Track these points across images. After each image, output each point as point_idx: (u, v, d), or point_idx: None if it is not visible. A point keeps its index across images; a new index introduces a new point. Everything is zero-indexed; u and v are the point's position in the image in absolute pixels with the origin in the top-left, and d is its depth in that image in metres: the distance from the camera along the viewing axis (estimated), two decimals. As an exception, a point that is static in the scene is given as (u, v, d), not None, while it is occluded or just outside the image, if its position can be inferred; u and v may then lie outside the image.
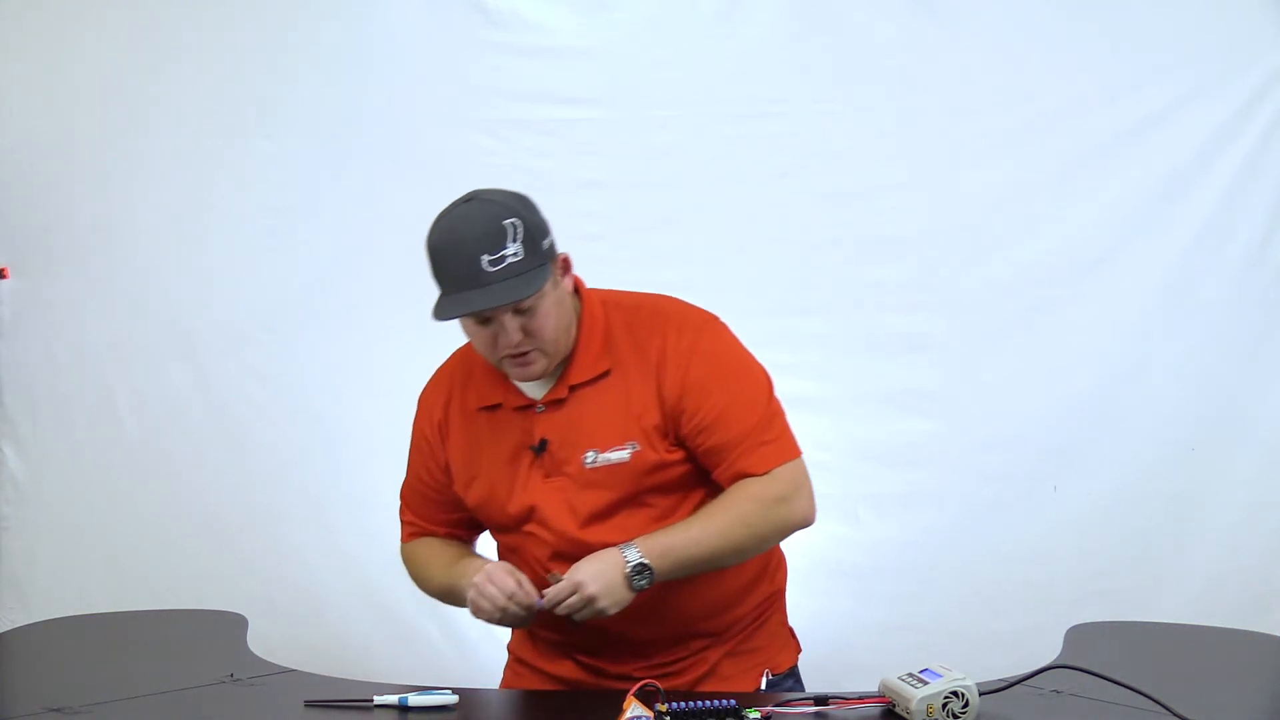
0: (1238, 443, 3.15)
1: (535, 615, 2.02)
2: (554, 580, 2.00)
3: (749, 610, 2.18)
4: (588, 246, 3.24)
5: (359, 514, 3.36)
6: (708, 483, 2.12)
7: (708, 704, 1.85)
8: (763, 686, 2.16)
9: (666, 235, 3.20)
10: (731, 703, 1.86)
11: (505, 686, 2.29)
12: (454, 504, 2.22)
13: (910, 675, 1.87)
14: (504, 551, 2.22)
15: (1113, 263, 3.15)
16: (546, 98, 3.28)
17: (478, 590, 2.02)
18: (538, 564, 2.10)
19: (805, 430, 2.16)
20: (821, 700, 1.93)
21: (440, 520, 2.26)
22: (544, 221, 2.04)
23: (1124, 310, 3.16)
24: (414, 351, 3.33)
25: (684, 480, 2.10)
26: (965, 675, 1.84)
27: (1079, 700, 1.91)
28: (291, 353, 3.38)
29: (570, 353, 2.09)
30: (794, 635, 2.29)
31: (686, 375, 2.07)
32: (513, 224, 1.98)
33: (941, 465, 3.15)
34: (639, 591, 1.99)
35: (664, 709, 1.81)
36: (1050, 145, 3.16)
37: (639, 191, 3.24)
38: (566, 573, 1.99)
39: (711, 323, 2.14)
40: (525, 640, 2.26)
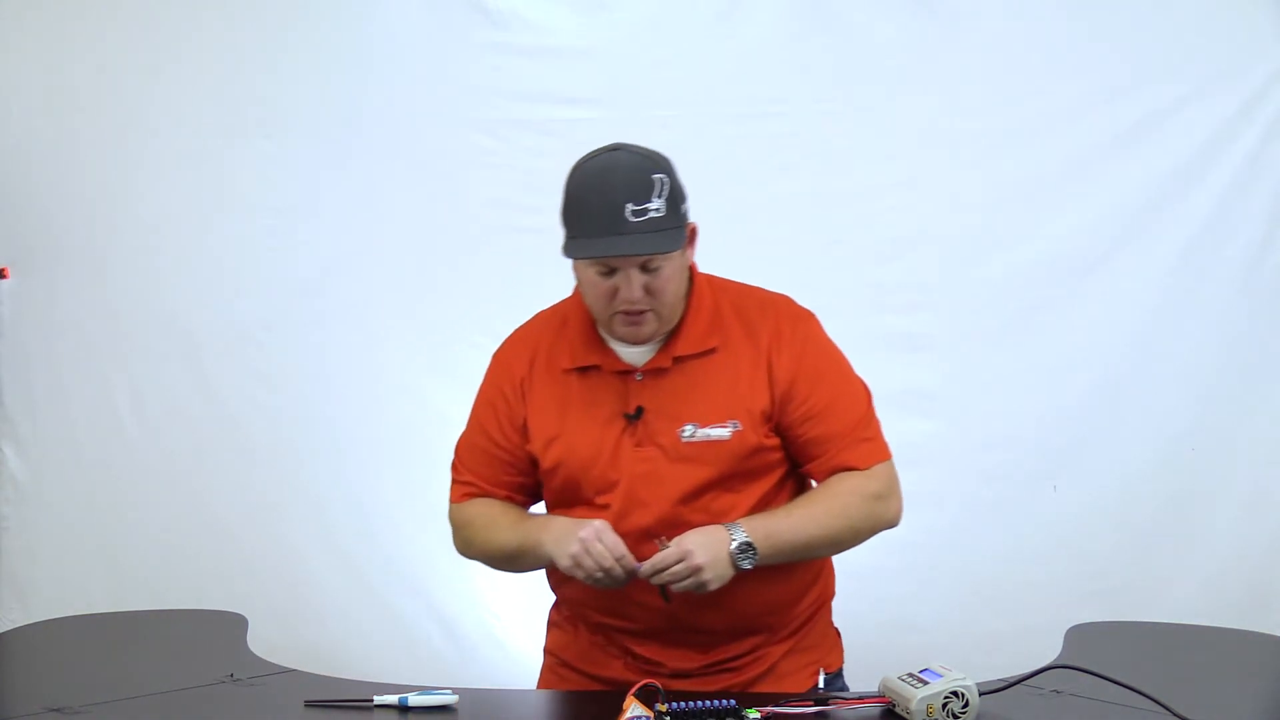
0: (1238, 443, 3.15)
1: (628, 581, 1.99)
2: (662, 546, 1.97)
3: (805, 608, 2.18)
4: (588, 246, 3.28)
5: (359, 514, 3.37)
6: (793, 480, 2.13)
7: (708, 704, 1.85)
8: (820, 685, 2.16)
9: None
10: (731, 703, 1.86)
11: (544, 687, 2.24)
12: (519, 466, 2.17)
13: (910, 675, 1.88)
14: None
15: (1113, 263, 3.16)
16: (546, 98, 3.28)
17: (585, 546, 1.97)
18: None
19: (805, 430, 2.15)
20: (821, 700, 1.94)
21: (501, 482, 2.19)
22: (684, 186, 2.04)
23: (1124, 310, 3.16)
24: (414, 351, 3.38)
25: (773, 471, 2.10)
26: (965, 675, 1.85)
27: (1079, 700, 1.91)
28: (292, 353, 3.38)
29: (676, 325, 2.09)
30: (840, 635, 2.29)
31: (801, 363, 2.08)
32: (660, 179, 1.98)
33: (941, 465, 3.15)
34: (740, 571, 1.98)
35: (664, 709, 1.81)
36: (1050, 145, 3.16)
37: (639, 191, 3.24)
38: (674, 543, 1.97)
39: (816, 318, 2.17)
40: (570, 641, 2.22)
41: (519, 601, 3.31)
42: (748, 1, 3.22)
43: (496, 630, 3.30)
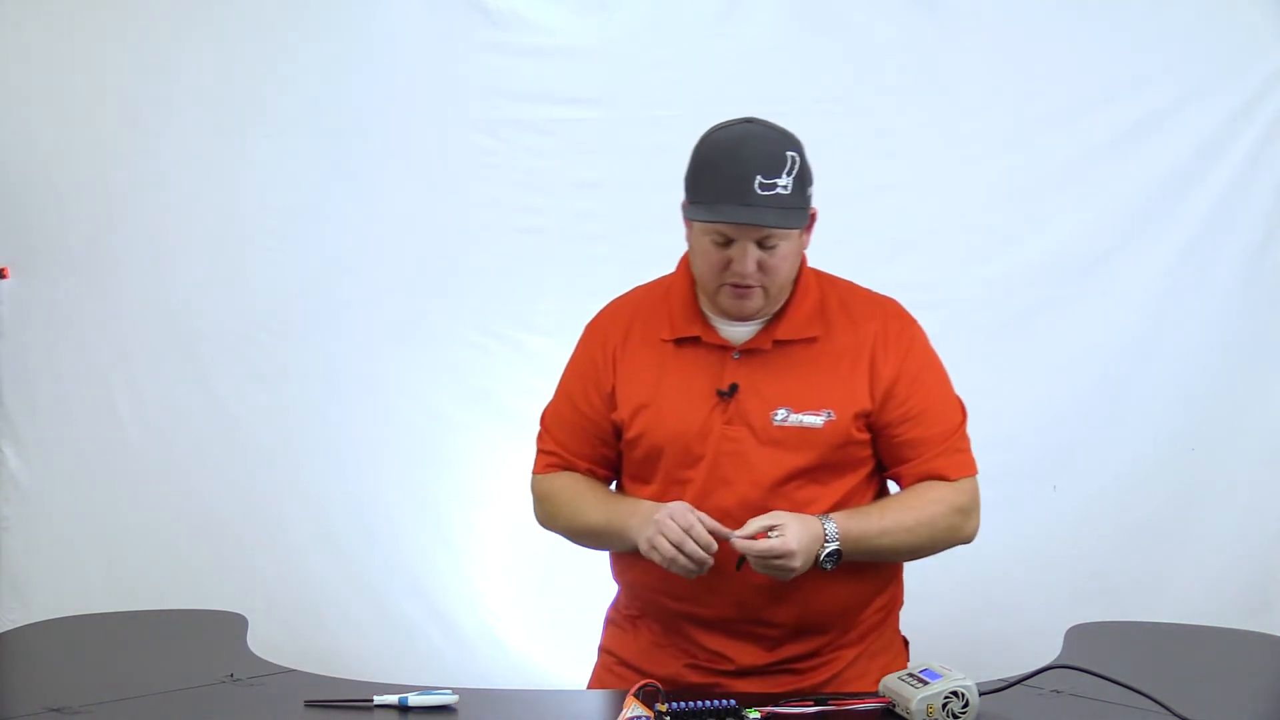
0: (1238, 442, 3.15)
1: (707, 568, 1.97)
2: (771, 536, 1.94)
3: (874, 612, 2.17)
4: (588, 246, 3.29)
5: (359, 514, 3.37)
6: (877, 479, 2.13)
7: (708, 704, 1.85)
8: None
9: (666, 235, 3.17)
10: (732, 703, 1.86)
11: (596, 686, 2.21)
12: (603, 436, 2.16)
13: (910, 675, 1.88)
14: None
15: (1113, 262, 3.15)
16: (546, 98, 3.28)
17: (659, 528, 1.95)
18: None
19: (806, 430, 2.15)
20: (821, 700, 1.94)
21: (584, 453, 2.18)
22: (812, 170, 2.03)
23: (1124, 310, 3.16)
24: (414, 351, 3.37)
25: (861, 468, 2.09)
26: (965, 675, 1.85)
27: (1079, 700, 1.91)
28: (291, 353, 3.38)
29: (781, 308, 2.09)
30: (907, 643, 2.29)
31: (905, 363, 2.08)
32: (792, 157, 1.98)
33: (941, 465, 3.15)
34: (819, 569, 1.97)
35: (664, 709, 1.81)
36: (1050, 145, 3.16)
37: (639, 191, 3.23)
38: (768, 517, 1.96)
39: (920, 326, 2.16)
40: (630, 640, 2.19)
41: (519, 601, 3.32)
42: (748, 1, 3.22)
43: (496, 630, 3.30)
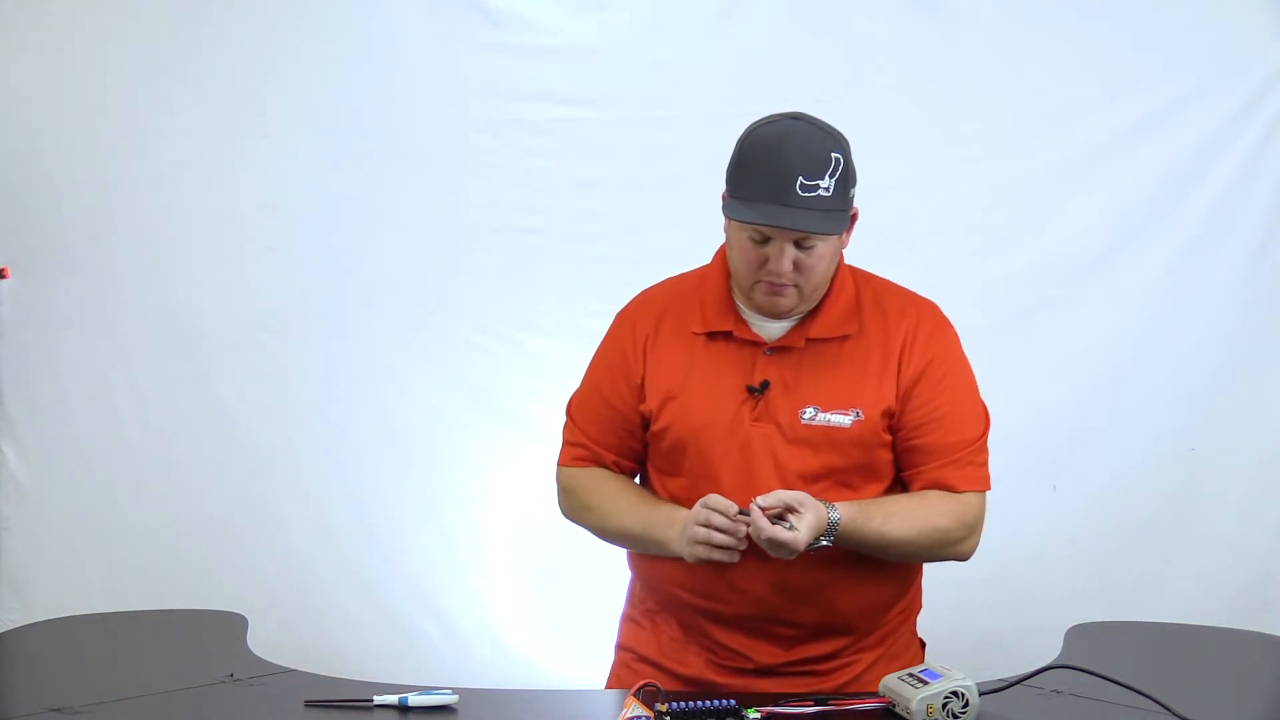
0: (1237, 442, 3.15)
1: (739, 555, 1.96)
2: (789, 528, 1.92)
3: (894, 615, 2.16)
4: (588, 247, 3.29)
5: (359, 514, 3.37)
6: (899, 487, 2.11)
7: (708, 704, 1.85)
8: None
9: (666, 235, 3.19)
10: (732, 703, 1.86)
11: (615, 685, 2.19)
12: (629, 427, 2.14)
13: (910, 675, 1.88)
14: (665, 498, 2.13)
15: (1113, 262, 3.15)
16: (546, 98, 3.28)
17: (694, 533, 1.95)
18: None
19: (805, 430, 2.15)
20: (821, 700, 1.94)
21: (611, 445, 2.16)
22: (856, 171, 2.01)
23: (1124, 310, 3.16)
24: (413, 351, 3.37)
25: (884, 471, 2.08)
26: (965, 675, 1.85)
27: (1079, 700, 1.91)
28: (291, 353, 3.38)
29: (815, 306, 2.07)
30: (924, 646, 2.28)
31: (928, 366, 2.07)
32: (837, 159, 1.96)
33: (941, 465, 3.15)
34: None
35: (664, 709, 1.81)
36: (1050, 145, 3.16)
37: (639, 191, 3.24)
38: (793, 496, 1.94)
39: (955, 331, 2.14)
40: (649, 638, 2.18)
41: (519, 601, 3.32)
42: (748, 1, 3.22)
43: (496, 630, 3.30)
